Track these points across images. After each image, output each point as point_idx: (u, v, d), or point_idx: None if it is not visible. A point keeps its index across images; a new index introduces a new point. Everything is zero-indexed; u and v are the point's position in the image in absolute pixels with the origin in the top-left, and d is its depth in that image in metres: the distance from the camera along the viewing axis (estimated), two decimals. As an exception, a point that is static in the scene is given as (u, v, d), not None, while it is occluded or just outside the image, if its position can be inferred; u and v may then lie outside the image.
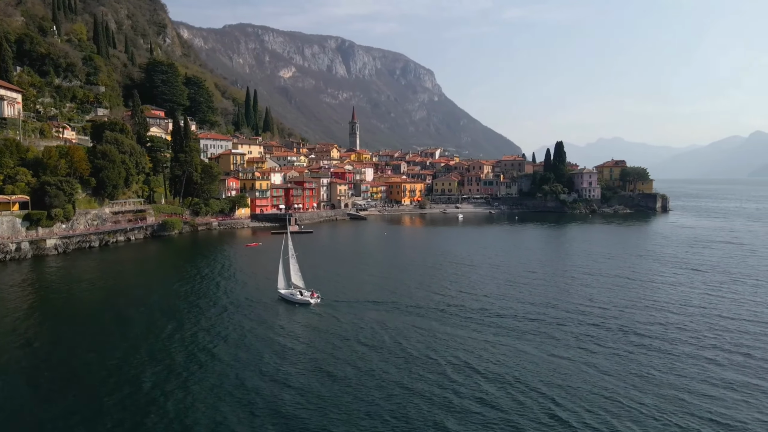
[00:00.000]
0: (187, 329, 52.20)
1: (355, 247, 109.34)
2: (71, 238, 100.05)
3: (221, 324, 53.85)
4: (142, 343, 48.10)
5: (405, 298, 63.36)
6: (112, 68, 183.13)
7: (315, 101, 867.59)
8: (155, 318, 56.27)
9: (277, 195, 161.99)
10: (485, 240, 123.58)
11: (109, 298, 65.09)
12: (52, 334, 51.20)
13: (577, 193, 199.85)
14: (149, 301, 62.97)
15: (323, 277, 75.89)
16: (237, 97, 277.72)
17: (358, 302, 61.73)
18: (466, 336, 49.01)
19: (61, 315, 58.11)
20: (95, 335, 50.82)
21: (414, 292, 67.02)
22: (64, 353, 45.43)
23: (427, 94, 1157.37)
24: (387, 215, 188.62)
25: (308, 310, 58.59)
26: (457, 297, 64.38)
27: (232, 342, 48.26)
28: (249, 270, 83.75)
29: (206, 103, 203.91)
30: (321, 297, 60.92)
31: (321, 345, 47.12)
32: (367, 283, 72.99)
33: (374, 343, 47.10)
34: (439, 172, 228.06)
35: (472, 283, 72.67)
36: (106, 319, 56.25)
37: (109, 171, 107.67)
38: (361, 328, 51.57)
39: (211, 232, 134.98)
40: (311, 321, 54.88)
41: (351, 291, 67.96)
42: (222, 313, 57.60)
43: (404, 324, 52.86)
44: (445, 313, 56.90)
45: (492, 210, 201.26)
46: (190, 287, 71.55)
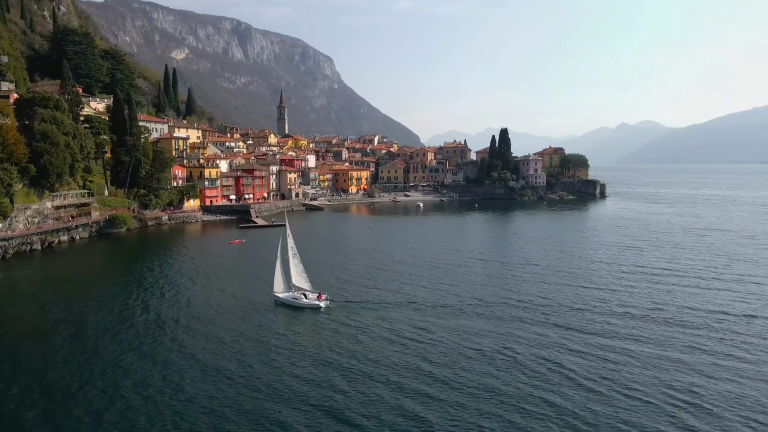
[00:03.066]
0: (170, 353, 41.64)
1: (342, 242, 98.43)
2: (10, 241, 79.77)
3: (214, 344, 43.32)
4: (110, 378, 36.81)
5: (425, 298, 56.62)
6: (12, 35, 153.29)
7: (212, 86, 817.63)
8: (128, 341, 44.26)
9: (227, 184, 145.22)
10: (473, 231, 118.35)
11: (66, 321, 49.83)
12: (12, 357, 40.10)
13: (524, 180, 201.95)
14: (118, 321, 49.57)
15: (323, 276, 67.07)
16: (148, 75, 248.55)
17: (372, 303, 54.21)
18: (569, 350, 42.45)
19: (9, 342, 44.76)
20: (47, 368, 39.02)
21: (435, 290, 60.15)
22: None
23: (327, 81, 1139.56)
24: (337, 204, 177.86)
25: (319, 314, 50.68)
26: (507, 299, 57.69)
27: (230, 364, 39.14)
28: (233, 272, 71.12)
29: (128, 81, 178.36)
30: (330, 299, 53.36)
31: (349, 363, 39.25)
32: (375, 282, 64.74)
33: (423, 354, 40.55)
34: (381, 159, 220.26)
35: (512, 281, 66.31)
36: (62, 349, 42.73)
37: (52, 156, 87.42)
38: (393, 335, 44.88)
39: (162, 228, 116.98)
40: (328, 328, 47.12)
41: (360, 291, 60.05)
42: (209, 328, 47.15)
43: (443, 328, 46.47)
44: (488, 315, 50.27)
45: (443, 198, 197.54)
46: (162, 299, 57.89)
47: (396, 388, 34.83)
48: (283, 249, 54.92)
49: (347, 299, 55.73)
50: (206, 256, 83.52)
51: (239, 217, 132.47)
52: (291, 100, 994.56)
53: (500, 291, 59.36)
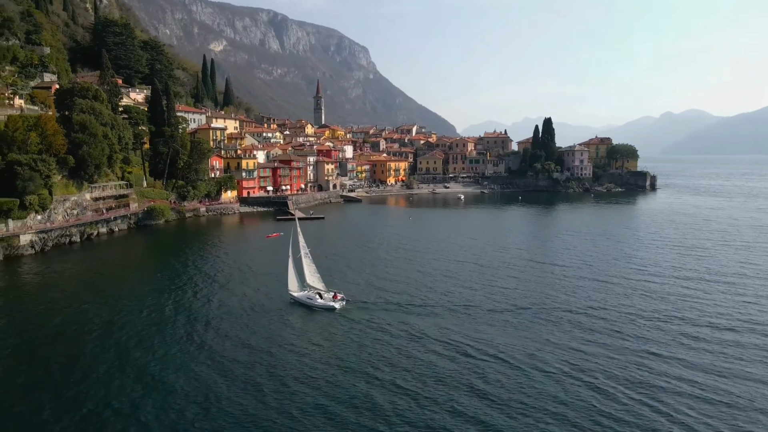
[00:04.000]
0: (190, 348, 41.07)
1: (379, 236, 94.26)
2: (50, 233, 78.79)
3: (229, 343, 41.87)
4: (134, 379, 35.39)
5: (460, 301, 51.84)
6: (55, 27, 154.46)
7: (249, 77, 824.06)
8: (156, 341, 42.35)
9: (264, 175, 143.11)
10: (518, 225, 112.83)
11: (97, 318, 48.16)
12: (43, 359, 39.02)
13: (569, 171, 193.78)
14: (149, 320, 47.74)
15: (353, 272, 64.30)
16: (187, 66, 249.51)
17: (394, 306, 50.28)
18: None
19: (48, 334, 44.31)
20: (89, 363, 38.61)
21: (473, 293, 55.09)
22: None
23: (362, 71, 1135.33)
24: (375, 196, 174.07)
25: (332, 316, 47.42)
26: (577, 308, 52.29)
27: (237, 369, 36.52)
28: (268, 268, 67.98)
29: (167, 71, 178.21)
30: (346, 299, 50.40)
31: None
32: (406, 281, 60.49)
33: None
34: (419, 150, 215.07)
35: (564, 285, 60.79)
36: (102, 343, 42.32)
37: (90, 147, 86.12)
38: (414, 345, 40.69)
39: (200, 220, 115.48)
40: (338, 332, 43.91)
41: (384, 291, 55.76)
42: (233, 329, 44.95)
43: (473, 338, 41.69)
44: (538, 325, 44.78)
45: (483, 190, 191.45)
46: (194, 296, 55.53)
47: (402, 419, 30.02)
48: (295, 247, 52.39)
49: (369, 300, 52.25)
50: (242, 250, 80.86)
51: (276, 208, 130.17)
52: (326, 90, 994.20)
53: (550, 295, 53.87)
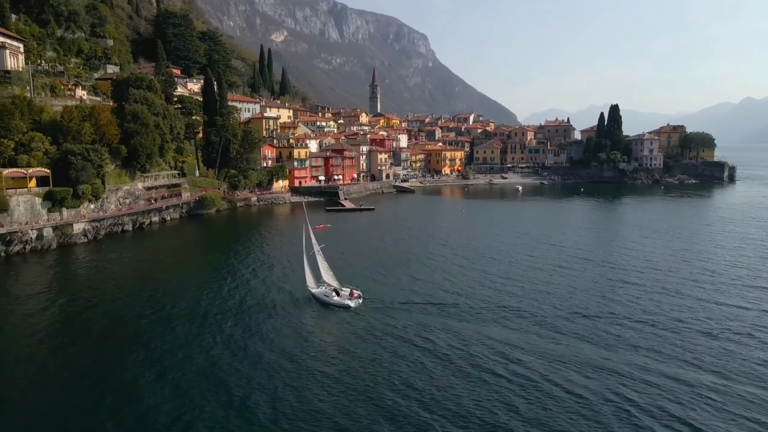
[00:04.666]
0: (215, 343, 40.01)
1: (428, 229, 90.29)
2: (102, 222, 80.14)
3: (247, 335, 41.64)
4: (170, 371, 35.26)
5: (498, 306, 47.33)
6: (119, 20, 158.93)
7: (308, 66, 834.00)
8: (198, 336, 41.61)
9: (316, 165, 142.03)
10: (578, 220, 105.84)
11: (150, 303, 49.55)
12: (89, 347, 39.46)
13: (637, 161, 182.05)
14: (193, 313, 47.02)
15: (387, 269, 61.04)
16: (246, 57, 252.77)
17: (418, 306, 47.09)
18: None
19: (97, 322, 44.98)
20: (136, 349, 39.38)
21: (513, 297, 50.04)
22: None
23: (421, 59, 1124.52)
24: (429, 186, 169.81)
25: (347, 315, 45.27)
26: (689, 309, 46.41)
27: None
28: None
29: (224, 62, 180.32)
30: (363, 297, 48.28)
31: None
32: (442, 279, 56.58)
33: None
34: (476, 139, 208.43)
35: (626, 292, 54.59)
36: (148, 329, 43.26)
37: (142, 137, 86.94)
38: (426, 354, 37.25)
39: (251, 209, 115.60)
40: (348, 334, 41.76)
41: (412, 290, 52.36)
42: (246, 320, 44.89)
43: (502, 353, 36.36)
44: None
45: (543, 181, 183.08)
46: (237, 289, 54.23)
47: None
48: (308, 243, 50.74)
49: (391, 299, 49.18)
50: (288, 242, 79.14)
51: (327, 198, 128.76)
52: (385, 79, 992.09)
53: (606, 304, 48.01)
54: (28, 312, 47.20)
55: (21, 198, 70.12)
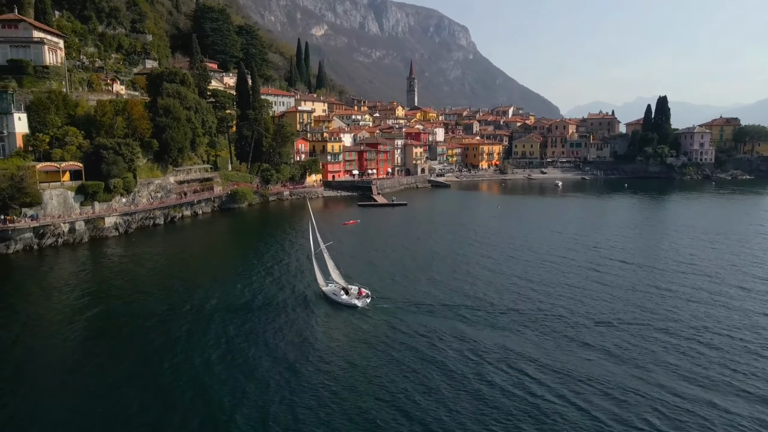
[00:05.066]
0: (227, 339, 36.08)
1: (461, 227, 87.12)
2: (133, 215, 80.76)
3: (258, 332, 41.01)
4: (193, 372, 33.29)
5: (511, 310, 44.61)
6: (158, 15, 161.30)
7: (348, 60, 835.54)
8: (224, 335, 40.65)
9: (349, 159, 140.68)
10: (620, 218, 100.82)
11: (175, 296, 49.61)
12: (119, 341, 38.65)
13: (686, 156, 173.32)
14: (216, 301, 48.09)
15: (403, 268, 58.55)
16: (283, 51, 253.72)
17: (432, 308, 44.90)
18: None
19: (123, 314, 45.19)
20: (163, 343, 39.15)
21: (532, 301, 46.72)
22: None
23: (461, 51, 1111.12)
24: (466, 181, 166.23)
25: (353, 315, 43.69)
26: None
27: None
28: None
29: (260, 56, 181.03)
30: (372, 296, 46.49)
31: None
32: (463, 281, 53.60)
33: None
34: (515, 133, 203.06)
35: (669, 300, 50.37)
36: (171, 322, 43.25)
37: (173, 131, 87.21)
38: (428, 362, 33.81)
39: (283, 203, 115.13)
40: (352, 334, 40.40)
41: (427, 291, 50.00)
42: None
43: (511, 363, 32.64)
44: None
45: (585, 176, 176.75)
46: (262, 285, 53.30)
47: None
48: (315, 241, 49.54)
49: (401, 300, 47.06)
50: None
51: (360, 193, 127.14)
52: (424, 72, 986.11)
53: (646, 315, 43.70)
54: (59, 303, 47.61)
55: (54, 192, 71.12)
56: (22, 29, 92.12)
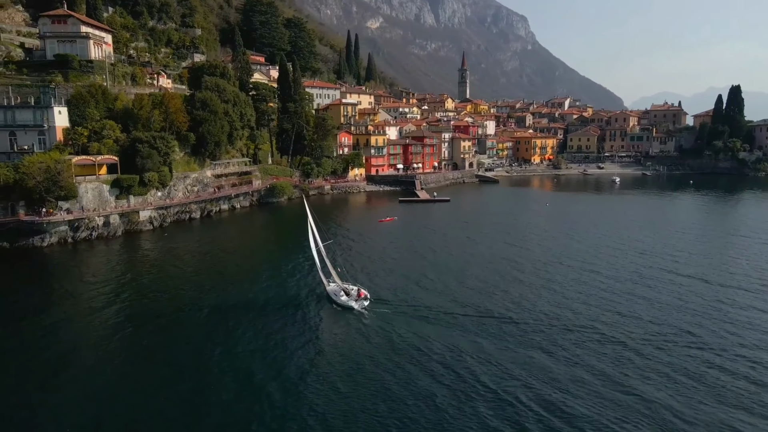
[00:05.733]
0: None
1: (501, 225, 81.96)
2: (168, 209, 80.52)
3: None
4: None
5: (528, 323, 39.71)
6: (208, 9, 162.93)
7: (403, 53, 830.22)
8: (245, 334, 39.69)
9: (394, 153, 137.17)
10: (683, 220, 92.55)
11: (212, 294, 48.64)
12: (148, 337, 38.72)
13: (761, 150, 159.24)
14: (248, 296, 48.08)
15: (431, 274, 53.94)
16: (334, 44, 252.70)
17: (435, 314, 42.00)
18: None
19: (152, 308, 45.62)
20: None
21: (556, 314, 40.87)
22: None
23: (519, 42, 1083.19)
24: (516, 176, 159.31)
25: (349, 317, 41.98)
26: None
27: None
28: (362, 260, 60.18)
29: (308, 48, 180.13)
30: (370, 299, 44.21)
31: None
32: (482, 288, 49.17)
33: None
34: (571, 126, 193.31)
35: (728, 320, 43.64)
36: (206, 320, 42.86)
37: (210, 124, 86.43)
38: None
39: (323, 198, 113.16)
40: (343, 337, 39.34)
41: (438, 297, 46.40)
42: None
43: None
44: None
45: (645, 171, 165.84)
46: (285, 284, 51.74)
47: None
48: (315, 238, 46.40)
49: (401, 304, 44.31)
50: (350, 236, 74.90)
51: (404, 188, 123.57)
52: (481, 64, 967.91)
53: (700, 339, 37.93)
54: (92, 296, 47.83)
55: (89, 185, 71.47)
56: (71, 24, 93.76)
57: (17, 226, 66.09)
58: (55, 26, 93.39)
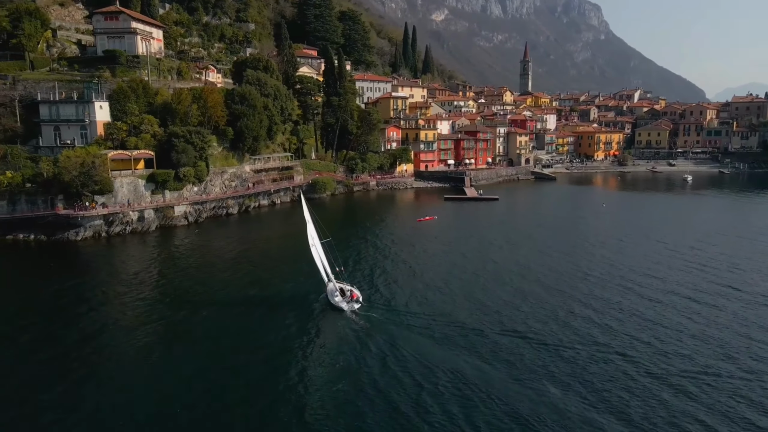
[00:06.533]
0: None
1: (548, 230, 75.33)
2: (204, 204, 79.92)
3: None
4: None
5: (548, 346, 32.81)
6: (263, 4, 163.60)
7: (468, 45, 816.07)
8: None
9: (445, 148, 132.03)
10: (757, 227, 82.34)
11: (241, 290, 48.45)
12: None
13: None
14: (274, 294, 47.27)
15: (442, 280, 50.57)
16: (393, 36, 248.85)
17: (421, 326, 38.90)
18: None
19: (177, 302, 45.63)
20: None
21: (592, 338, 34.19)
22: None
23: (592, 32, 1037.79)
24: (576, 173, 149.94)
25: (337, 319, 40.55)
26: None
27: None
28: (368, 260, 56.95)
29: (362, 41, 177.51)
30: (362, 302, 42.43)
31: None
32: (505, 301, 44.62)
33: None
34: (640, 119, 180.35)
35: None
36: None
37: (248, 119, 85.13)
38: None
39: (368, 194, 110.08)
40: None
41: (451, 307, 43.08)
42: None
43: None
44: None
45: (723, 169, 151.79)
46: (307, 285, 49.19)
47: None
48: (312, 234, 44.78)
49: (396, 311, 41.82)
50: (381, 235, 71.42)
51: (452, 185, 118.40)
52: (549, 55, 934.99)
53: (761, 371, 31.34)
54: (124, 290, 48.19)
55: (125, 180, 71.74)
56: (122, 21, 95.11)
57: (55, 220, 67.23)
58: (108, 23, 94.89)
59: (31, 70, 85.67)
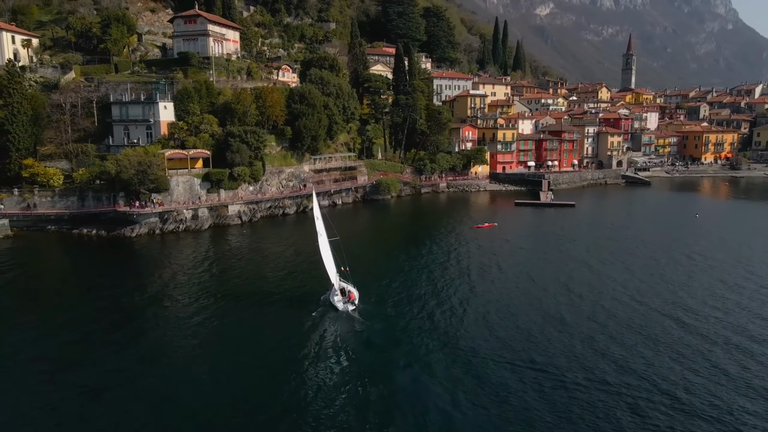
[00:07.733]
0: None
1: (619, 245, 65.93)
2: (259, 204, 79.89)
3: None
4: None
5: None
6: (346, 3, 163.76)
7: (574, 40, 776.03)
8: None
9: (525, 149, 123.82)
10: None
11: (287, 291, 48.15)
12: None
13: None
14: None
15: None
16: (485, 32, 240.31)
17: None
18: None
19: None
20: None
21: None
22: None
23: (717, 21, 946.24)
24: (677, 177, 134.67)
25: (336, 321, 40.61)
26: None
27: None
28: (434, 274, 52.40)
29: (446, 38, 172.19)
30: (356, 305, 42.21)
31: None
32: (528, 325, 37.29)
33: None
34: (761, 117, 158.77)
35: None
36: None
37: (306, 118, 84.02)
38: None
39: (436, 196, 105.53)
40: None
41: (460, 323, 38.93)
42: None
43: None
44: None
45: None
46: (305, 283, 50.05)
47: None
48: (326, 233, 44.02)
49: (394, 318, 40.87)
50: (426, 241, 66.69)
51: (530, 188, 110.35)
52: (666, 48, 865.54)
53: None
54: (172, 285, 49.88)
55: (181, 178, 73.22)
56: (200, 23, 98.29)
57: (114, 216, 70.04)
58: (187, 26, 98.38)
59: (115, 73, 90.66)
